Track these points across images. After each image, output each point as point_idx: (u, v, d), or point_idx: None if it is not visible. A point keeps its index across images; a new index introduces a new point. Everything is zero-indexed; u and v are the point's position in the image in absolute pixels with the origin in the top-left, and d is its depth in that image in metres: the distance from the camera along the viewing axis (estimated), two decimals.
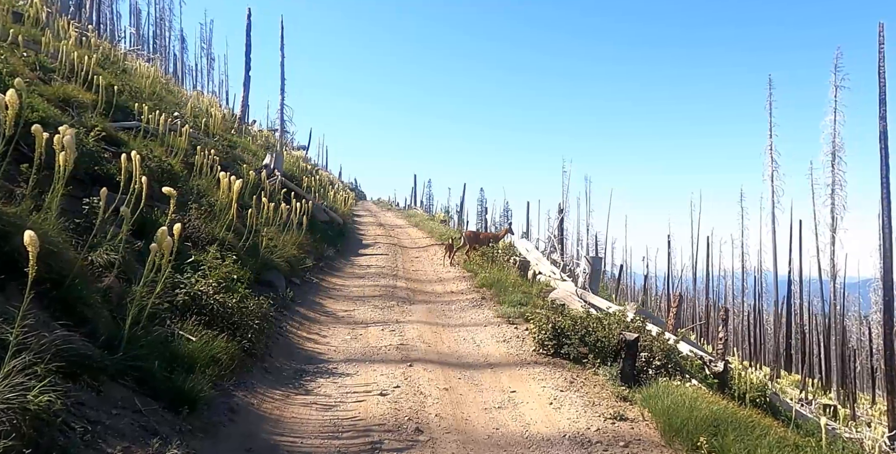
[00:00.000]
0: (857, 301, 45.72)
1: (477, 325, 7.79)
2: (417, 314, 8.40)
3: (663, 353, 5.85)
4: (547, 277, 10.77)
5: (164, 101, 14.67)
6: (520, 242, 13.64)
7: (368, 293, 9.78)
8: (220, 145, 13.00)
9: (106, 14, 39.30)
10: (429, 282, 11.31)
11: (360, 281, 10.94)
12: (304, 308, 8.09)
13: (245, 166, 11.15)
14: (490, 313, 8.45)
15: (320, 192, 20.59)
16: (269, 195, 12.17)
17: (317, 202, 16.65)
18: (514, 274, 10.99)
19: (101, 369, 3.53)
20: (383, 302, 9.11)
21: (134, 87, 13.35)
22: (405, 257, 14.83)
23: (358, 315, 8.18)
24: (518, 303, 8.79)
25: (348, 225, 20.44)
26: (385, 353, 6.35)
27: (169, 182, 8.05)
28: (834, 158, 32.80)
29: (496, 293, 9.67)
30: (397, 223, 25.28)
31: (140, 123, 9.74)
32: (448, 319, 8.19)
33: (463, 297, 9.69)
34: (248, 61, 20.47)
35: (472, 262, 12.50)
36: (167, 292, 4.92)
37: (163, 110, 12.76)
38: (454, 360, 6.22)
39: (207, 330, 4.92)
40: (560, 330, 6.15)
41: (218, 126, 16.37)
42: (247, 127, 21.44)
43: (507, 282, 10.22)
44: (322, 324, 7.56)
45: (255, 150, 16.52)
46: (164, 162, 8.17)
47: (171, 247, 3.97)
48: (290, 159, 22.63)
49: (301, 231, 11.25)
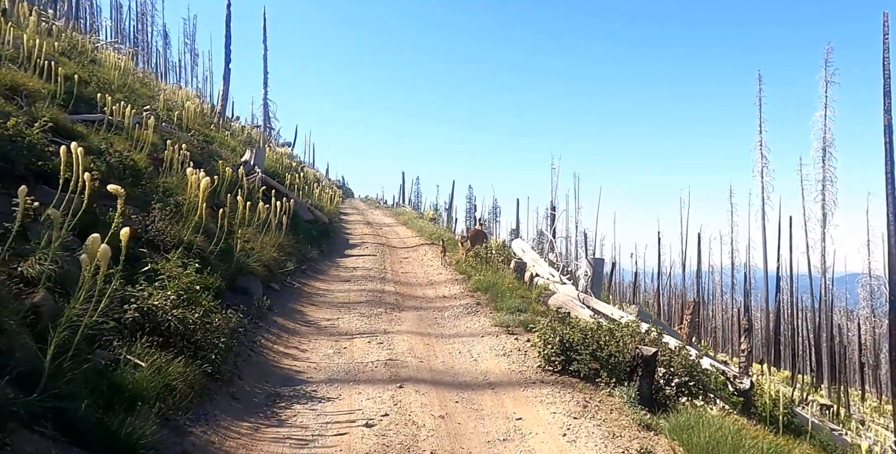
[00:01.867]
0: (845, 296, 45.84)
1: (473, 336, 7.11)
2: (407, 323, 7.70)
3: (685, 370, 5.22)
4: (545, 280, 10.12)
5: (136, 94, 13.80)
6: (516, 243, 12.97)
7: (354, 299, 9.06)
8: (196, 140, 12.19)
9: (85, 8, 38.02)
10: (419, 286, 10.61)
11: (345, 285, 10.21)
12: (282, 317, 7.36)
13: (221, 163, 10.35)
14: (487, 321, 7.77)
15: (305, 190, 19.78)
16: (248, 193, 11.41)
17: (300, 200, 15.87)
18: (511, 276, 10.33)
19: (11, 415, 2.79)
20: (370, 309, 8.40)
21: (102, 79, 12.49)
22: (394, 258, 14.11)
23: (342, 324, 7.46)
24: (516, 309, 8.13)
25: (334, 224, 19.66)
26: (372, 371, 5.64)
27: (131, 179, 7.28)
28: (825, 154, 32.62)
29: (492, 298, 8.99)
30: (385, 221, 24.53)
31: (104, 116, 8.95)
32: (441, 329, 7.50)
33: (456, 303, 9.00)
34: (227, 53, 19.53)
35: (464, 264, 11.82)
36: (114, 308, 4.18)
37: (133, 103, 11.95)
38: (449, 379, 5.53)
39: (162, 352, 4.18)
40: (568, 344, 5.49)
41: (193, 120, 15.51)
42: (227, 122, 20.55)
43: (503, 285, 9.55)
44: (302, 335, 6.83)
45: (235, 145, 15.70)
46: (126, 157, 7.38)
47: (107, 255, 3.23)
48: (274, 156, 21.77)
49: (282, 231, 10.49)
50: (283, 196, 15.01)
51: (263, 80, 25.00)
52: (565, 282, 9.78)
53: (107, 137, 8.28)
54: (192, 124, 14.28)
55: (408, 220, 25.57)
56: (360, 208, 32.49)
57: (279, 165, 18.10)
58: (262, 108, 24.82)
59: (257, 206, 9.77)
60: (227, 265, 7.42)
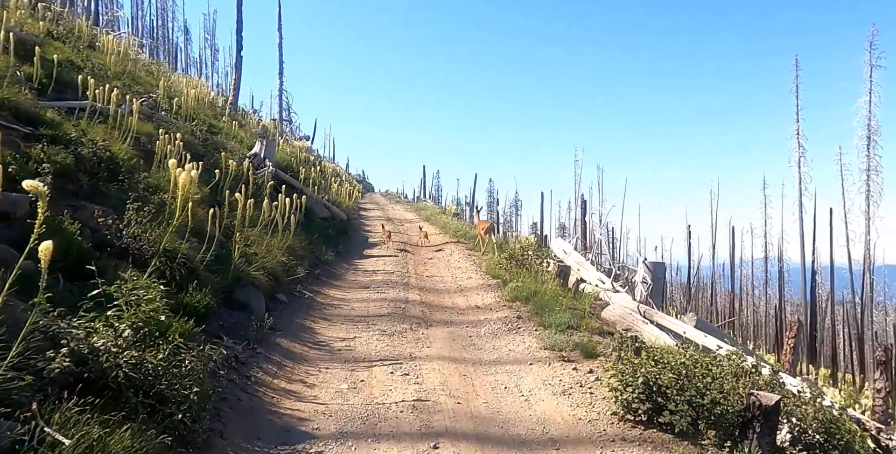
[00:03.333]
0: (883, 289, 43.57)
1: (519, 362, 5.79)
2: (437, 343, 6.41)
3: (820, 425, 3.83)
4: (594, 287, 8.74)
5: (138, 82, 12.72)
6: (555, 242, 11.57)
7: (374, 311, 7.80)
8: (199, 131, 11.04)
9: (105, 4, 37.39)
10: (448, 293, 9.31)
11: (363, 293, 8.96)
12: (288, 338, 6.13)
13: (223, 155, 9.16)
14: (533, 342, 6.44)
15: (322, 185, 18.62)
16: (256, 189, 10.24)
17: (316, 196, 14.69)
18: (553, 283, 8.97)
19: None
20: (393, 324, 7.14)
21: (98, 65, 11.40)
22: (417, 259, 12.84)
23: (359, 346, 6.21)
24: (566, 325, 6.80)
25: (353, 220, 18.49)
26: (396, 418, 4.37)
27: (106, 173, 6.10)
28: (869, 142, 30.61)
29: (535, 310, 7.66)
30: (407, 217, 23.30)
31: (89, 103, 7.81)
32: (479, 352, 6.20)
33: (493, 316, 7.69)
34: (239, 40, 18.38)
35: (497, 266, 10.49)
36: (35, 354, 2.97)
37: (130, 90, 10.85)
38: (497, 432, 4.23)
39: (104, 416, 2.96)
40: (656, 386, 4.13)
41: (196, 108, 14.40)
42: (241, 113, 19.47)
43: (545, 294, 8.21)
44: (310, 362, 5.58)
45: (245, 138, 14.54)
46: (102, 148, 6.20)
47: None
48: (289, 149, 20.67)
49: (292, 232, 9.28)
50: (298, 192, 13.85)
51: (279, 69, 23.88)
52: (618, 290, 8.39)
53: (86, 126, 7.14)
54: (198, 114, 13.15)
55: (430, 215, 24.32)
56: (380, 203, 31.35)
57: (293, 159, 16.94)
58: (277, 100, 23.69)
59: (264, 204, 8.57)
60: (223, 276, 6.22)
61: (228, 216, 8.66)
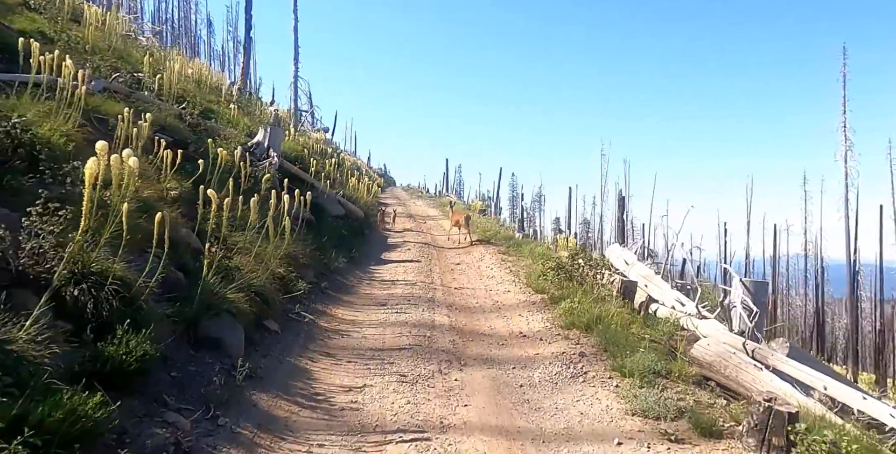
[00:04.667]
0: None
1: (600, 439, 3.97)
2: (477, 399, 4.64)
3: None
4: (670, 310, 6.86)
5: (127, 61, 11.16)
6: (612, 249, 9.65)
7: (391, 341, 6.06)
8: (188, 114, 9.40)
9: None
10: (483, 313, 7.54)
11: (379, 313, 7.23)
12: (270, 392, 4.41)
13: (210, 141, 7.48)
14: (611, 399, 4.61)
15: (337, 179, 16.96)
16: (254, 183, 8.57)
17: (329, 191, 13.01)
18: (616, 303, 7.12)
19: None
20: (415, 362, 5.39)
21: (75, 38, 9.83)
22: (443, 265, 11.08)
23: (370, 403, 4.46)
24: (652, 371, 4.97)
25: (372, 217, 16.80)
26: None
27: (22, 162, 4.44)
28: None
29: (602, 344, 5.83)
30: (429, 214, 21.57)
31: (31, 76, 6.17)
32: (537, 416, 4.39)
33: (546, 351, 5.88)
34: (248, 19, 16.78)
35: (541, 278, 8.69)
36: None
37: (107, 65, 9.27)
38: None
39: None
40: None
41: (203, 93, 12.81)
42: (251, 100, 17.89)
43: (611, 320, 6.38)
44: (297, 435, 3.85)
45: (249, 125, 12.90)
46: (24, 129, 4.54)
47: None
48: (302, 139, 19.05)
49: (289, 235, 7.59)
50: (308, 186, 12.19)
51: (294, 54, 22.20)
52: (705, 316, 6.50)
53: (22, 102, 5.50)
54: (195, 97, 11.53)
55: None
56: (401, 198, 29.73)
57: (306, 150, 15.27)
58: (291, 87, 22.08)
59: (252, 201, 6.87)
60: (184, 304, 4.53)
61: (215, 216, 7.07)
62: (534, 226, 43.95)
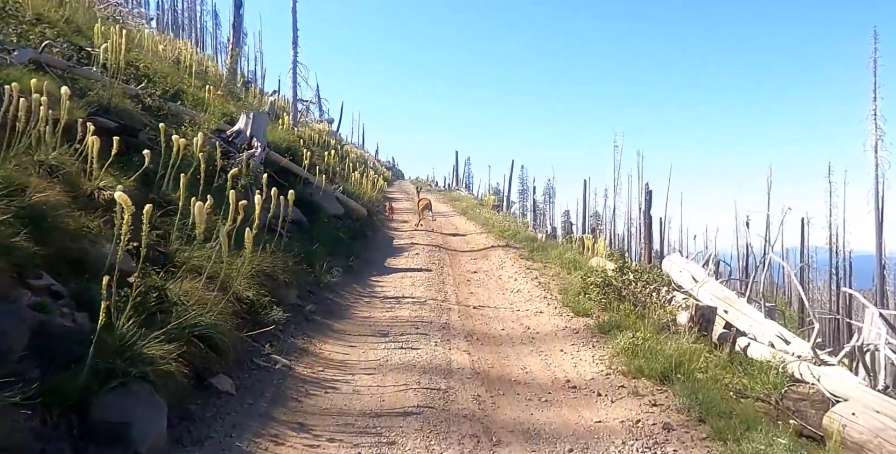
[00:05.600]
0: None
1: None
2: None
3: None
4: (767, 348, 5.09)
5: (83, 35, 9.48)
6: (672, 260, 7.80)
7: (391, 400, 4.35)
8: (149, 94, 7.71)
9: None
10: (511, 346, 5.82)
11: (377, 349, 5.51)
12: None
13: (163, 126, 5.76)
14: None
15: (338, 172, 15.29)
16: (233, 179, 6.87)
17: (325, 187, 11.32)
18: (690, 336, 5.36)
19: None
20: (425, 444, 3.69)
21: (14, 4, 8.17)
22: (457, 274, 9.38)
23: None
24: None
25: (377, 215, 15.12)
26: None
27: None
28: None
29: (690, 405, 4.09)
30: (439, 210, 19.80)
31: None
32: None
33: (610, 417, 4.15)
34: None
35: (584, 295, 6.97)
36: None
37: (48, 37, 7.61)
38: None
39: None
40: None
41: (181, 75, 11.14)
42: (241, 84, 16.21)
43: (696, 365, 4.64)
44: None
45: (236, 112, 11.21)
46: None
47: None
48: (305, 131, 17.39)
49: (272, 245, 5.91)
50: (304, 182, 10.52)
51: (293, 38, 20.37)
52: (828, 363, 4.72)
53: None
54: (167, 79, 9.85)
55: (466, 207, 20.87)
56: (409, 192, 27.98)
57: (300, 140, 13.57)
58: (290, 73, 20.32)
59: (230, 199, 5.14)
60: (76, 371, 2.85)
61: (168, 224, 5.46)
62: (547, 221, 42.16)
